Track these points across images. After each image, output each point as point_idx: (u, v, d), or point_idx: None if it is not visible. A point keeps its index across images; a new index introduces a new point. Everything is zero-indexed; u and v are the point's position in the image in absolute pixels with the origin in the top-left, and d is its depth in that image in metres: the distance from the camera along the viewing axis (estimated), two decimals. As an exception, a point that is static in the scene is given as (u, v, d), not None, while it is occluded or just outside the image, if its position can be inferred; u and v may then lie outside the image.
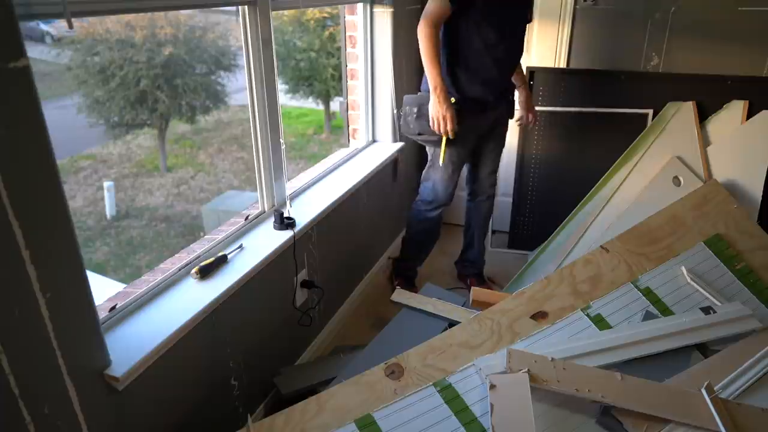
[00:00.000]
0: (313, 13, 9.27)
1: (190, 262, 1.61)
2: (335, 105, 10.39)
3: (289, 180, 2.12)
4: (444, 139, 2.18)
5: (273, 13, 1.77)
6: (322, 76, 9.74)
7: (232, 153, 9.59)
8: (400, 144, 2.83)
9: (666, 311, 1.60)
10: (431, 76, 2.11)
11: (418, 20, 2.15)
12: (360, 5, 2.57)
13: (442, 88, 2.09)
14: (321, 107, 10.93)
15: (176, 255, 1.67)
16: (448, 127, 2.10)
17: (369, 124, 2.82)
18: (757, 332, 1.54)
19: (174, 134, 9.73)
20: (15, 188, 0.93)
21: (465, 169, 2.54)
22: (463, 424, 1.27)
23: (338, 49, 8.67)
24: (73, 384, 1.11)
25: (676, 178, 2.43)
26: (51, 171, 1.00)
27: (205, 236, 1.81)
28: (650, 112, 2.63)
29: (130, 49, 8.14)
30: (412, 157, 3.11)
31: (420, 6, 2.90)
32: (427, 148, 2.41)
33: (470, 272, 2.67)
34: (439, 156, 2.27)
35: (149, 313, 1.41)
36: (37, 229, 0.98)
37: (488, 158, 2.45)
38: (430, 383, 1.35)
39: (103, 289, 1.49)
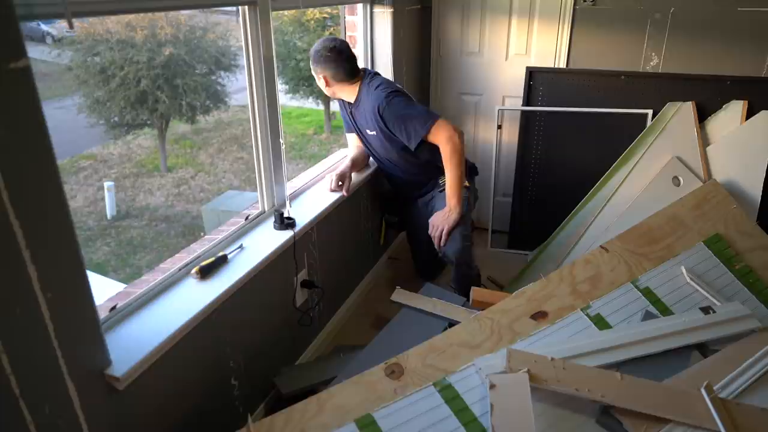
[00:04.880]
0: (313, 13, 9.27)
1: (191, 262, 1.61)
2: (335, 105, 10.37)
3: (289, 180, 2.13)
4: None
5: (273, 13, 1.77)
6: (322, 76, 9.71)
7: (232, 153, 9.59)
8: (400, 144, 2.83)
9: (666, 311, 1.60)
10: None
11: (418, 20, 2.17)
12: (360, 5, 2.57)
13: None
14: (321, 107, 10.93)
15: (176, 255, 1.67)
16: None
17: (369, 124, 2.82)
18: (756, 332, 1.54)
19: (174, 134, 9.74)
20: (15, 188, 0.93)
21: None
22: (463, 423, 1.27)
23: (338, 49, 8.63)
24: (73, 384, 1.11)
25: (675, 178, 2.43)
26: (51, 171, 1.01)
27: (206, 236, 1.81)
28: (650, 112, 2.63)
29: (131, 50, 8.14)
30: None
31: (420, 6, 2.91)
32: None
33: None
34: None
35: (149, 313, 1.41)
36: (37, 229, 0.98)
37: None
38: (430, 383, 1.35)
39: (103, 289, 1.50)
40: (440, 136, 2.13)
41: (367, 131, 2.30)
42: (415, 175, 2.41)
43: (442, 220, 2.21)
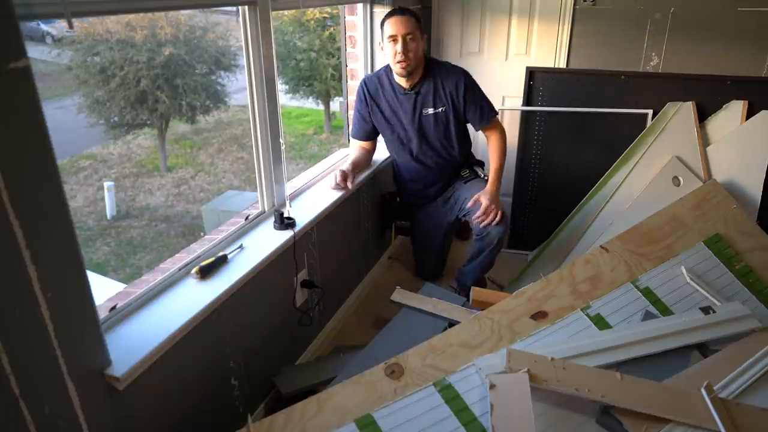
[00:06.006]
0: (313, 13, 9.28)
1: (190, 262, 1.61)
2: (335, 105, 10.40)
3: (289, 180, 2.12)
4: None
5: (273, 13, 1.77)
6: (322, 76, 9.75)
7: (232, 153, 9.60)
8: (400, 144, 2.83)
9: (666, 311, 1.60)
10: None
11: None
12: (360, 5, 2.57)
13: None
14: (321, 107, 10.94)
15: (176, 255, 1.67)
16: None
17: (369, 124, 2.82)
18: (756, 332, 1.54)
19: (174, 134, 9.75)
20: (15, 188, 0.93)
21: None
22: (463, 423, 1.27)
23: (338, 49, 8.68)
24: (73, 384, 1.11)
25: (675, 178, 2.43)
26: (51, 171, 1.00)
27: (206, 236, 1.81)
28: (650, 112, 2.63)
29: (131, 49, 8.14)
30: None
31: (420, 6, 2.91)
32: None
33: (458, 282, 2.55)
34: None
35: (149, 313, 1.41)
36: (37, 229, 0.98)
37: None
38: (430, 383, 1.35)
39: (103, 289, 1.50)
40: (498, 127, 2.38)
41: (428, 111, 2.31)
42: (447, 168, 2.46)
43: (494, 200, 2.26)
